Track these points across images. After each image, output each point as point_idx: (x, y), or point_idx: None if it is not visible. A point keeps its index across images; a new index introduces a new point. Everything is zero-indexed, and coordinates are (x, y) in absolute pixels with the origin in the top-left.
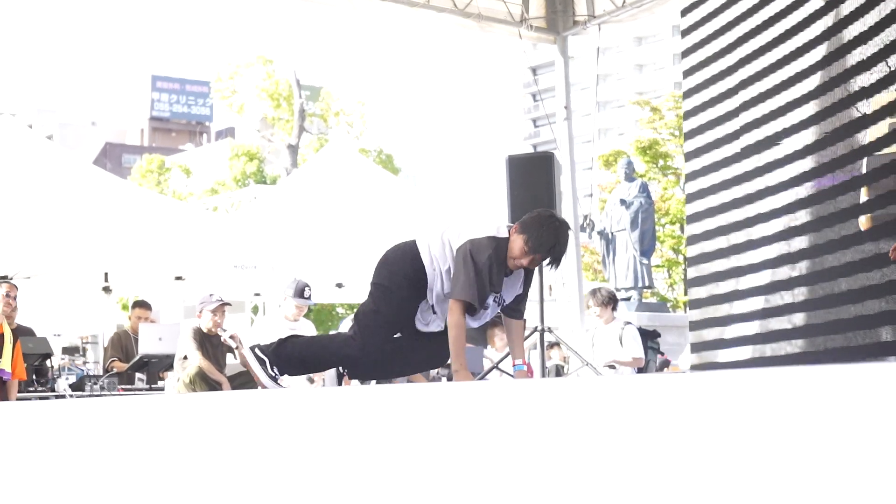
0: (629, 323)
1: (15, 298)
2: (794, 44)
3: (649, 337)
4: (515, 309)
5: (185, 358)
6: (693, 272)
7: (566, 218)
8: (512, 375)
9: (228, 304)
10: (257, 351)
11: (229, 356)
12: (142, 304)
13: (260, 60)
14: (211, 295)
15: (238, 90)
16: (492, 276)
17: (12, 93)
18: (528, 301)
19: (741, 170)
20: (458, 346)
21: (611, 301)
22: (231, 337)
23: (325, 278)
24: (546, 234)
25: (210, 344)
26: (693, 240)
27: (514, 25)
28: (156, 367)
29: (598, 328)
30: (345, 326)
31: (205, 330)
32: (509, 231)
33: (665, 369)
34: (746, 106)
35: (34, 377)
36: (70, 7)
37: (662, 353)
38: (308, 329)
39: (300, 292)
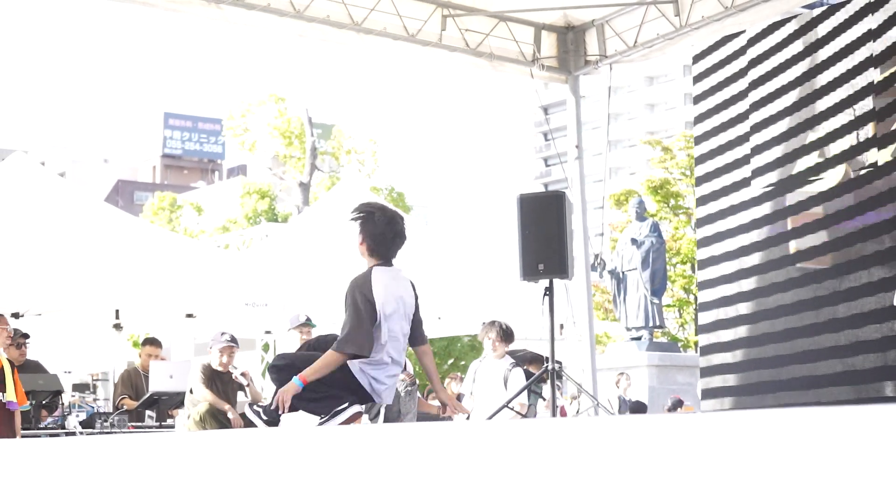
0: (517, 366)
1: (9, 332)
2: (806, 89)
3: (536, 381)
4: (417, 335)
5: (192, 392)
6: (705, 317)
7: (577, 258)
8: (524, 415)
9: (236, 346)
10: (262, 414)
11: (240, 394)
12: (152, 342)
13: (272, 98)
14: (222, 334)
15: (250, 128)
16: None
17: (25, 129)
18: (539, 340)
19: (752, 216)
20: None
21: (508, 337)
22: (242, 374)
23: (335, 316)
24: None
25: (220, 381)
26: (704, 285)
27: (526, 65)
28: (166, 405)
29: (485, 361)
30: None
31: (214, 367)
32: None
33: (678, 409)
34: (757, 151)
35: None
36: (83, 45)
37: (545, 399)
38: None
39: (295, 319)
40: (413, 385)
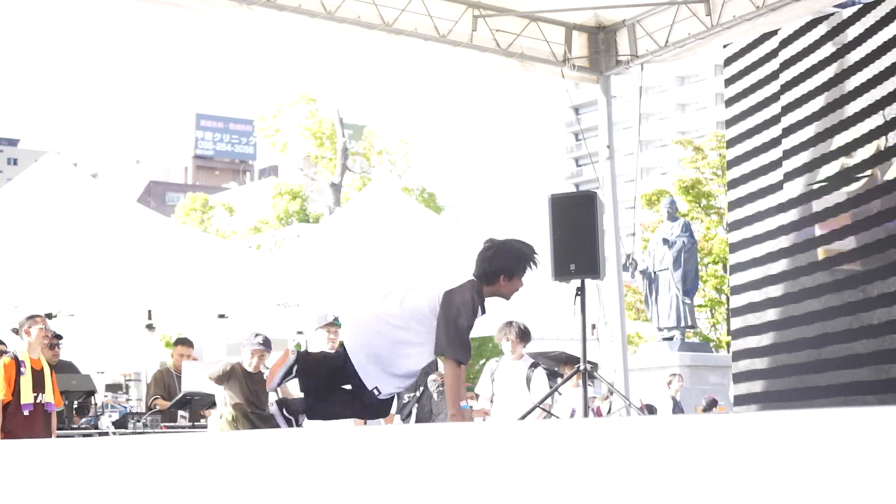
0: (537, 364)
1: (49, 334)
2: (839, 91)
3: (552, 378)
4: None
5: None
6: (737, 322)
7: (608, 258)
8: (556, 416)
9: (267, 352)
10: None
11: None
12: (184, 342)
13: (303, 99)
14: (256, 335)
15: (281, 129)
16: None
17: (58, 131)
18: (571, 340)
19: (780, 222)
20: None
21: (525, 337)
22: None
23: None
24: (521, 258)
25: (251, 381)
26: (737, 290)
27: (557, 65)
28: (198, 405)
29: (502, 362)
30: None
31: (245, 367)
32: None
33: (713, 409)
34: (789, 154)
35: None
36: (116, 46)
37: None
38: None
39: (323, 318)
40: (444, 385)
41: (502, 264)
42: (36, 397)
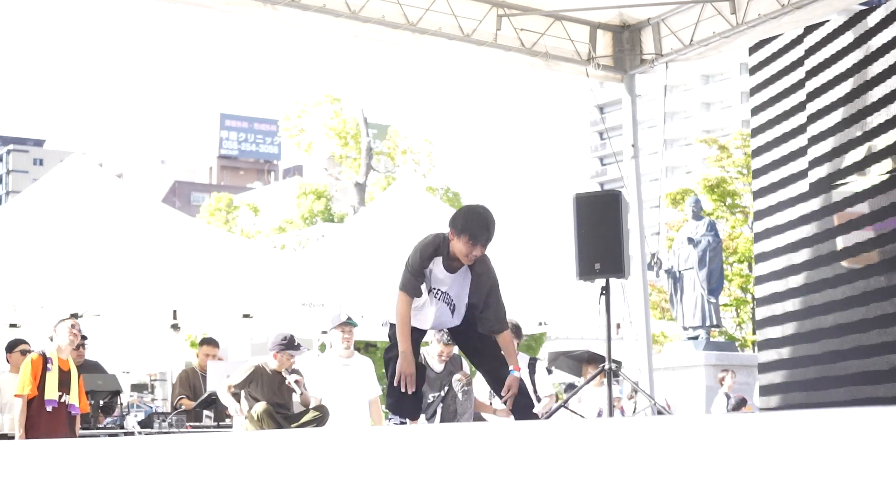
0: (535, 362)
1: (80, 335)
2: (861, 78)
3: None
4: (491, 321)
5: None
6: (762, 312)
7: (633, 257)
8: (581, 415)
9: (296, 351)
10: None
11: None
12: (209, 342)
13: (328, 99)
14: (284, 339)
15: (306, 129)
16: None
17: (84, 131)
18: (596, 340)
19: (803, 211)
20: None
21: (518, 334)
22: (296, 382)
23: (392, 316)
24: (469, 216)
25: (277, 381)
26: (761, 279)
27: (582, 64)
28: (223, 405)
29: None
30: None
31: (271, 369)
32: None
33: (742, 409)
34: (814, 141)
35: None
36: (142, 47)
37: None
38: (364, 366)
39: (336, 318)
40: (469, 385)
41: (452, 219)
42: (60, 396)
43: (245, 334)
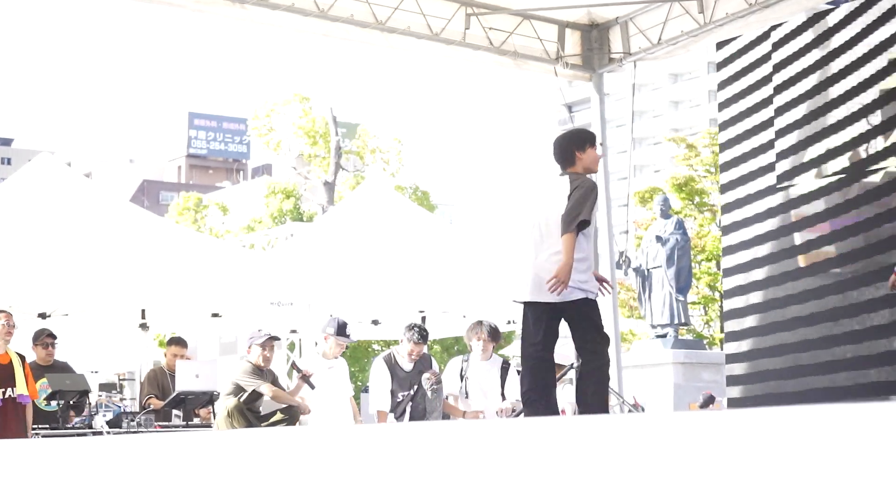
0: (508, 364)
1: (14, 327)
2: (824, 73)
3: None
4: None
5: (236, 394)
6: (729, 304)
7: (601, 255)
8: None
9: (277, 339)
10: None
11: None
12: (178, 342)
13: (297, 98)
14: (259, 330)
15: (275, 127)
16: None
17: (52, 130)
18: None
19: (774, 202)
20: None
21: (495, 336)
22: (305, 376)
23: (361, 315)
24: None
25: (263, 377)
26: (729, 272)
27: (550, 63)
28: (192, 404)
29: (473, 362)
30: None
31: (255, 364)
32: None
33: (710, 406)
34: (781, 134)
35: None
36: (109, 45)
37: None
38: (343, 367)
39: (341, 330)
40: (439, 384)
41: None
42: (4, 392)
43: (214, 333)
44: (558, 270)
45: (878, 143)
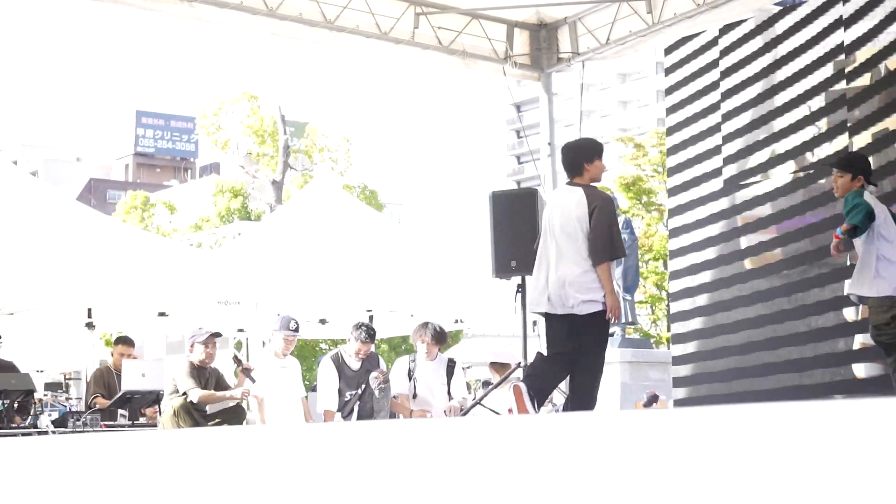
0: (454, 363)
1: None
2: (770, 81)
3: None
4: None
5: (178, 393)
6: (676, 307)
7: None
8: (497, 412)
9: (219, 335)
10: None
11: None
12: (125, 341)
13: (245, 97)
14: (200, 328)
15: (223, 126)
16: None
17: None
18: (512, 337)
19: (721, 206)
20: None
21: (440, 338)
22: (246, 370)
23: (308, 314)
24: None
25: (202, 376)
26: (675, 275)
27: (499, 62)
28: (138, 404)
29: (420, 362)
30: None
31: (196, 363)
32: None
33: (654, 404)
34: (728, 139)
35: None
36: (56, 43)
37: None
38: (296, 366)
39: (286, 324)
40: (386, 383)
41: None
42: None
43: (160, 332)
44: (610, 305)
45: (825, 150)
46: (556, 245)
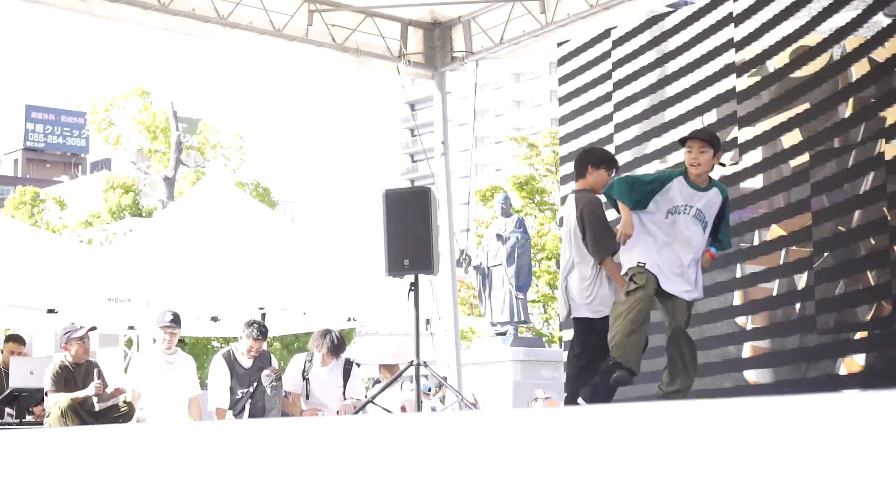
0: (351, 364)
1: None
2: (661, 73)
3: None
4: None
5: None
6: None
7: (442, 253)
8: (389, 411)
9: (93, 329)
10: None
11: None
12: (15, 339)
13: (137, 92)
14: (73, 323)
15: (114, 122)
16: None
17: None
18: (405, 335)
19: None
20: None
21: (337, 350)
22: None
23: (200, 312)
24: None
25: (77, 374)
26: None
27: (393, 61)
28: (26, 402)
29: (315, 365)
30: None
31: (68, 363)
32: None
33: (540, 402)
34: (620, 128)
35: None
36: None
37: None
38: (187, 363)
39: (161, 318)
40: (278, 381)
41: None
42: None
43: (50, 329)
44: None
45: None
46: (569, 252)
